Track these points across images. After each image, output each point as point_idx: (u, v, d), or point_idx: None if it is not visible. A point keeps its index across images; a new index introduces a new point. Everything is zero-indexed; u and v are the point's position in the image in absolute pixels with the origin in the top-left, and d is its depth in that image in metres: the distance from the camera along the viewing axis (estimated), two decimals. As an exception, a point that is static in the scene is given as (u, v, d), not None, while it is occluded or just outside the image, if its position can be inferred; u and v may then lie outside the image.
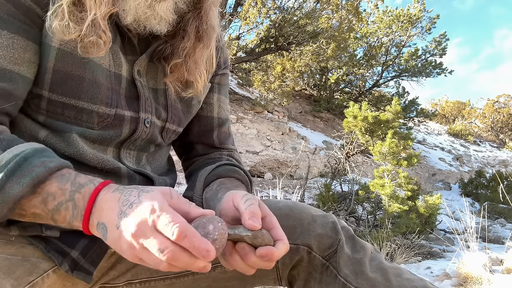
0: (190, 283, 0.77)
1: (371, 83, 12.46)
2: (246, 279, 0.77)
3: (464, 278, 2.49)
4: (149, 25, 0.69)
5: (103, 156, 0.70)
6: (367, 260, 0.70)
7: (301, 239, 0.71)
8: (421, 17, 11.32)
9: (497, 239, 4.49)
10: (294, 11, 8.25)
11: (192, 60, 0.76)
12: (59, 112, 0.67)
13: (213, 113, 0.92)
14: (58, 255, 0.66)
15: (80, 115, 0.68)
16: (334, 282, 0.68)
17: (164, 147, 0.86)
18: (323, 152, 7.76)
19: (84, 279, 0.68)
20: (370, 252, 0.72)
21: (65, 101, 0.67)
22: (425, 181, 9.06)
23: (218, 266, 0.76)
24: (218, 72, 0.91)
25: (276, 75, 8.42)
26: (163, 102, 0.79)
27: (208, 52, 0.78)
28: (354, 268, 0.69)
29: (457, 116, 19.65)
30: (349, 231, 0.74)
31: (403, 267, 0.72)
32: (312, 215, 0.74)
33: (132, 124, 0.73)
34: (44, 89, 0.66)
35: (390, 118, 4.87)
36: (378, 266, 0.69)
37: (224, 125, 0.94)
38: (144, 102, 0.75)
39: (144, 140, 0.77)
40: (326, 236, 0.71)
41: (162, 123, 0.79)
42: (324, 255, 0.70)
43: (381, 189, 4.09)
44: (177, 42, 0.75)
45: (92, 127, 0.70)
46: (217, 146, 0.93)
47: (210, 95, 0.91)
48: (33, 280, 0.61)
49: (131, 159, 0.77)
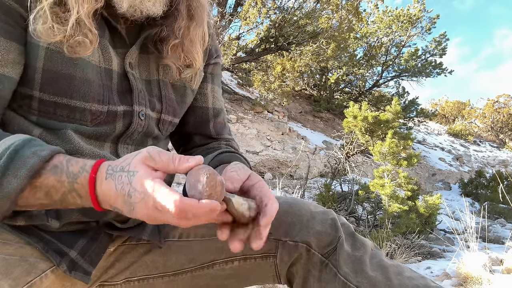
0: (189, 280, 0.77)
1: (371, 83, 12.46)
2: (245, 276, 0.76)
3: (464, 278, 2.49)
4: (145, 9, 0.69)
5: (100, 152, 0.70)
6: (367, 257, 0.69)
7: (300, 236, 0.71)
8: (421, 17, 11.32)
9: (497, 239, 4.48)
10: (294, 11, 8.25)
11: (188, 39, 0.76)
12: (51, 111, 0.67)
13: (208, 104, 0.91)
14: (56, 255, 0.66)
15: (73, 113, 0.67)
16: (333, 281, 0.68)
17: (162, 140, 0.85)
18: (323, 152, 7.76)
19: (82, 280, 0.68)
20: (370, 249, 0.71)
21: (57, 100, 0.66)
22: (425, 181, 9.06)
23: (217, 263, 0.75)
24: (210, 61, 0.90)
25: (276, 75, 8.42)
26: (157, 93, 0.78)
27: (201, 30, 0.78)
28: (354, 266, 0.68)
29: (457, 116, 19.65)
30: (349, 228, 0.74)
31: (404, 265, 0.71)
32: (311, 212, 0.73)
33: (126, 118, 0.72)
34: (34, 89, 0.65)
35: (390, 118, 4.87)
36: (378, 264, 0.68)
37: (219, 115, 0.94)
38: (137, 95, 0.73)
39: (140, 134, 0.76)
40: (326, 234, 0.70)
41: (157, 114, 0.78)
42: (323, 252, 0.70)
43: (381, 189, 4.08)
44: (171, 23, 0.74)
45: (86, 124, 0.69)
46: (214, 136, 0.93)
47: (203, 85, 0.90)
48: (31, 280, 0.61)
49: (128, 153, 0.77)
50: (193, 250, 0.76)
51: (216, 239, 0.75)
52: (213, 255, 0.75)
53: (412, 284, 0.66)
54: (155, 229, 0.79)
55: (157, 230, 0.79)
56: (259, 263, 0.74)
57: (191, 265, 0.76)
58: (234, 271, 0.75)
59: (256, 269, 0.74)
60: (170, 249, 0.78)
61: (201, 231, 0.77)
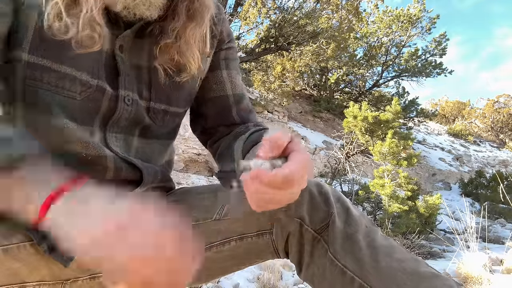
0: None
1: (371, 83, 12.46)
2: (244, 256, 0.75)
3: (464, 278, 2.49)
4: (139, 12, 0.67)
5: (89, 140, 0.67)
6: (359, 235, 0.67)
7: (294, 211, 0.69)
8: (421, 17, 11.32)
9: (497, 239, 4.49)
10: (294, 11, 8.25)
11: (183, 40, 0.72)
12: (38, 77, 0.63)
13: (226, 91, 0.85)
14: (37, 234, 0.64)
15: (62, 81, 0.64)
16: (324, 257, 0.67)
17: (157, 135, 0.80)
18: (323, 152, 7.76)
19: (62, 262, 0.65)
20: (364, 226, 0.69)
21: (46, 64, 0.62)
22: (425, 181, 9.06)
23: (213, 246, 0.74)
24: (222, 47, 0.85)
25: (276, 75, 8.42)
26: (146, 80, 0.74)
27: (201, 31, 0.74)
28: (344, 244, 0.66)
29: (457, 116, 19.65)
30: (345, 204, 0.71)
31: (398, 245, 0.69)
32: (306, 186, 0.71)
33: (112, 101, 0.69)
34: (23, 50, 0.62)
35: (390, 118, 4.88)
36: (369, 244, 0.66)
37: (242, 101, 0.87)
38: (123, 78, 0.70)
39: (128, 120, 0.72)
40: (319, 209, 0.69)
41: (146, 102, 0.74)
42: (316, 228, 0.68)
43: (381, 189, 4.09)
44: (166, 23, 0.71)
45: (74, 96, 0.65)
46: (239, 123, 0.85)
47: (217, 73, 0.84)
48: (8, 244, 0.60)
49: (118, 143, 0.73)
50: None
51: (210, 222, 0.74)
52: (209, 238, 0.74)
53: (400, 267, 0.63)
54: None
55: None
56: (256, 241, 0.72)
57: None
58: (232, 251, 0.73)
59: (254, 247, 0.73)
60: None
61: (196, 215, 0.75)
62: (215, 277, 0.84)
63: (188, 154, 5.30)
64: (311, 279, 0.69)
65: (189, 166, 5.34)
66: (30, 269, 0.65)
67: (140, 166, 0.73)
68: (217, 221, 0.73)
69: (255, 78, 8.83)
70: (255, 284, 2.31)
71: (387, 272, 0.63)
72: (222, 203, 0.75)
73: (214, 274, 0.81)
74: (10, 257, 0.64)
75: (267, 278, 2.31)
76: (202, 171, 5.34)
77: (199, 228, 0.75)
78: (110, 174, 0.70)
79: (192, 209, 0.77)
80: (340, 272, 0.65)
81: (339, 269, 0.65)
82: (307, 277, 0.70)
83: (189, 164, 5.34)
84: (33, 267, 0.65)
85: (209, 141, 0.89)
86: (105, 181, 0.71)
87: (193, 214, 0.76)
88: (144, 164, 0.75)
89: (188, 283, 0.46)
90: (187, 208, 0.77)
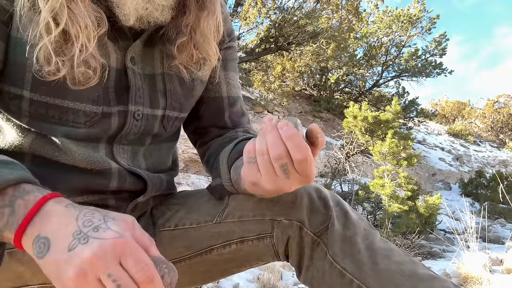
0: (187, 268, 0.75)
1: (371, 83, 12.46)
2: (244, 259, 0.75)
3: (464, 278, 2.49)
4: (153, 19, 0.65)
5: (93, 155, 0.67)
6: (358, 238, 0.67)
7: (294, 214, 0.70)
8: (421, 17, 11.32)
9: (497, 239, 4.49)
10: (294, 11, 8.25)
11: (198, 33, 0.70)
12: (43, 113, 0.63)
13: (222, 93, 0.85)
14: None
15: (65, 115, 0.64)
16: (323, 259, 0.67)
17: (165, 139, 0.81)
18: (323, 152, 7.76)
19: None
20: (363, 229, 0.69)
21: (49, 101, 0.63)
22: (425, 181, 9.06)
23: (214, 248, 0.74)
24: (221, 46, 0.83)
25: (276, 75, 8.42)
26: (162, 88, 0.73)
27: (214, 19, 0.72)
28: (343, 246, 0.66)
29: (457, 116, 19.65)
30: (344, 207, 0.71)
31: (397, 248, 0.69)
32: (305, 189, 0.71)
33: (121, 118, 0.69)
34: (25, 89, 0.62)
35: (390, 118, 4.88)
36: (368, 246, 0.66)
37: (236, 104, 0.87)
38: (134, 93, 0.70)
39: (137, 134, 0.73)
40: (318, 212, 0.69)
41: (161, 111, 0.74)
42: (316, 231, 0.68)
43: (381, 189, 4.09)
44: (178, 21, 0.70)
45: (79, 126, 0.66)
46: (230, 127, 0.86)
47: (214, 74, 0.84)
48: (13, 248, 0.59)
49: (125, 154, 0.73)
50: (189, 237, 0.75)
51: (211, 225, 0.74)
52: (210, 241, 0.74)
53: (398, 269, 0.64)
54: (149, 221, 0.78)
55: (151, 222, 0.78)
56: (256, 244, 0.72)
57: (188, 252, 0.75)
58: (232, 254, 0.73)
59: (255, 250, 0.73)
60: (166, 238, 0.76)
61: (197, 218, 0.76)
62: (216, 279, 0.85)
63: (188, 154, 5.31)
64: (310, 282, 0.69)
65: (189, 166, 5.35)
66: (33, 272, 0.66)
67: (145, 177, 0.74)
68: (218, 224, 0.73)
69: (255, 78, 8.83)
70: (255, 284, 2.31)
71: (385, 274, 0.63)
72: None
73: (215, 276, 0.81)
74: (15, 260, 0.64)
75: (267, 278, 2.32)
76: (202, 171, 5.34)
77: (200, 231, 0.75)
78: (114, 184, 0.70)
79: (193, 212, 0.77)
80: (339, 274, 0.65)
81: (338, 271, 0.65)
82: (307, 280, 0.70)
83: (189, 164, 5.34)
84: (36, 270, 0.65)
85: (199, 141, 0.90)
86: (106, 192, 0.71)
87: (194, 216, 0.76)
88: (149, 174, 0.75)
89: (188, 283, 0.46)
90: (188, 211, 0.78)
